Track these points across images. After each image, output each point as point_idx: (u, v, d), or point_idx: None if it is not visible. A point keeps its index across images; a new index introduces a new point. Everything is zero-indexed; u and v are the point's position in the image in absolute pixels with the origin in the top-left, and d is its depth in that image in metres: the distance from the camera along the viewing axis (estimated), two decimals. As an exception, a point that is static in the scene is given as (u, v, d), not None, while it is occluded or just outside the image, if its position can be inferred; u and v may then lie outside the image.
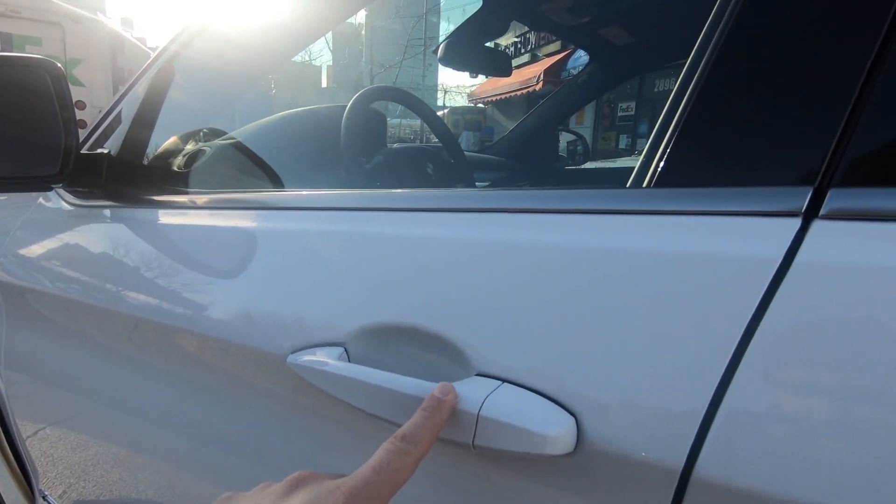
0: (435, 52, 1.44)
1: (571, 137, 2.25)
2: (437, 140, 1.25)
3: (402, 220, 0.47)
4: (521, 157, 1.90)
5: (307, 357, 0.44)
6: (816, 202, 0.31)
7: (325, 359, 0.43)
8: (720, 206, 0.34)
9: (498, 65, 1.50)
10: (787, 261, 0.30)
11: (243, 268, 0.56)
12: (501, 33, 1.39)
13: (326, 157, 1.03)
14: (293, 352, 0.46)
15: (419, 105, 1.18)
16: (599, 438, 0.33)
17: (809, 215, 0.31)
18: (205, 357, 0.59)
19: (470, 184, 1.28)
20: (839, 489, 0.26)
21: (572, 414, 0.34)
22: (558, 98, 1.95)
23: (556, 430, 0.33)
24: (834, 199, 0.31)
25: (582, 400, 0.34)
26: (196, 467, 0.60)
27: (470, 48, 1.37)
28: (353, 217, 0.51)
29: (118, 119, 0.96)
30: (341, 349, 0.43)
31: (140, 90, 0.94)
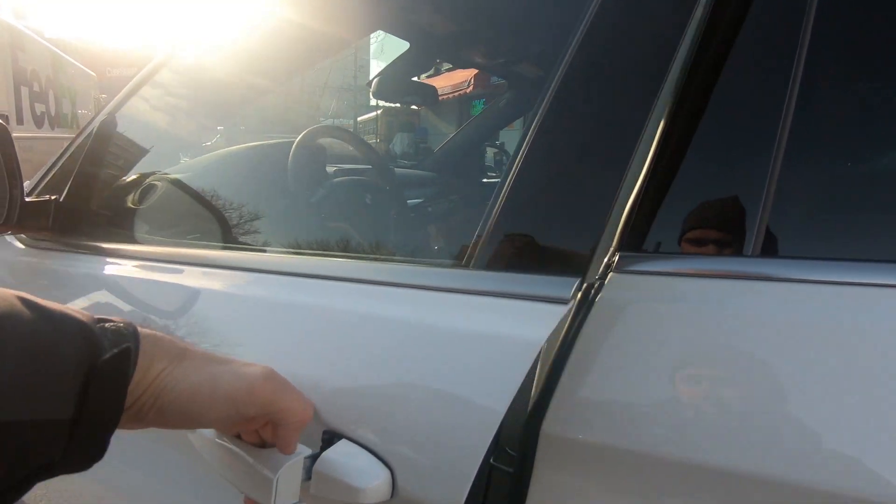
0: (369, 85, 1.58)
1: (496, 152, 2.46)
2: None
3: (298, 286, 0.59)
4: (450, 172, 2.08)
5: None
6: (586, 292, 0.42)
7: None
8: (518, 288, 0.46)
9: (425, 96, 1.66)
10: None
11: (194, 327, 0.65)
12: (427, 70, 1.55)
13: (273, 192, 1.14)
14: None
15: (356, 141, 1.31)
16: (408, 487, 0.44)
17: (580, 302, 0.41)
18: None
19: (402, 205, 1.42)
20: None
21: (389, 468, 0.44)
22: (482, 119, 2.15)
23: (374, 483, 0.43)
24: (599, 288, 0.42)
25: (396, 455, 0.45)
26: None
27: (399, 83, 1.52)
28: (270, 281, 0.63)
29: (71, 162, 1.01)
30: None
31: (91, 131, 1.00)
